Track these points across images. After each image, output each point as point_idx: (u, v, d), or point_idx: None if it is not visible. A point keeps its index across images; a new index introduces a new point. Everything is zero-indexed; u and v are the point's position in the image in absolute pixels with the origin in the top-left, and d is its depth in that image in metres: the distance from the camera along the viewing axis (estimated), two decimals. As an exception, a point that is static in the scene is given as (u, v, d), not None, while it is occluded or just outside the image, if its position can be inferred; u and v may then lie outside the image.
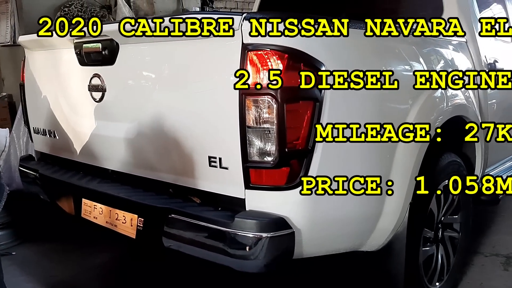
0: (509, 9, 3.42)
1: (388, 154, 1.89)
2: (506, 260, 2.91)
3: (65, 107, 2.32)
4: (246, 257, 1.60)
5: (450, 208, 2.42)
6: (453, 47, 2.54)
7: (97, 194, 2.14)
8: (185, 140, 1.78)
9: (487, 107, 2.72)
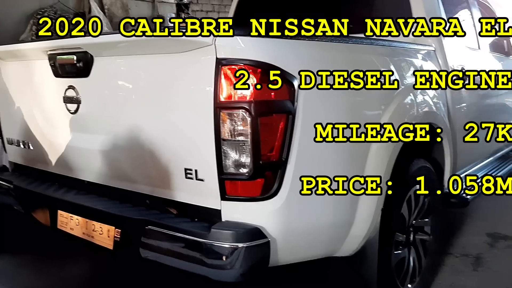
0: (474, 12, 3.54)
1: (360, 162, 1.95)
2: (476, 260, 3.02)
3: (40, 118, 2.32)
4: (223, 267, 1.63)
5: (421, 212, 2.50)
6: (422, 56, 2.63)
7: (74, 206, 2.14)
8: (161, 152, 1.80)
9: (455, 114, 2.81)
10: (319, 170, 1.78)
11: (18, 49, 2.31)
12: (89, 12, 4.85)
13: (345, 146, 1.87)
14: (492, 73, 3.42)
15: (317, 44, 1.84)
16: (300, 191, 1.69)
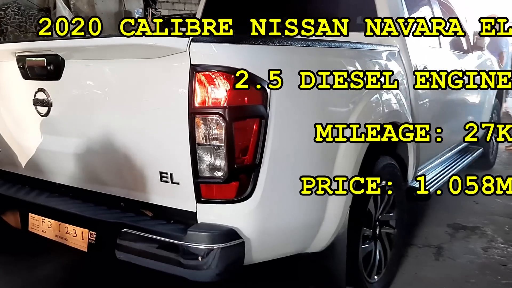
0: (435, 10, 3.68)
1: (330, 162, 2.03)
2: (437, 250, 3.17)
3: (8, 120, 2.28)
4: (199, 267, 1.67)
5: (386, 207, 2.61)
6: (386, 57, 2.72)
7: (46, 209, 2.13)
8: (136, 156, 1.82)
9: (418, 112, 2.93)
10: (291, 172, 1.84)
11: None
12: (54, 8, 4.73)
13: (315, 147, 1.94)
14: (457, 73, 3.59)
15: (288, 49, 1.90)
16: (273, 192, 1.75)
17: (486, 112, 4.73)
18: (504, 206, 3.98)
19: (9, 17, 4.40)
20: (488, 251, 3.14)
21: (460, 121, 4.04)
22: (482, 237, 3.38)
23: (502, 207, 3.96)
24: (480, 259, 3.03)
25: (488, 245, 3.24)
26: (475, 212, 3.84)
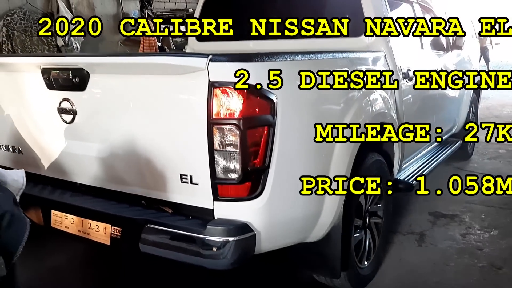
0: (416, 9, 3.93)
1: (327, 162, 2.28)
2: (420, 237, 3.47)
3: (31, 126, 2.48)
4: (217, 257, 1.92)
5: (375, 199, 2.88)
6: (374, 62, 2.97)
7: (70, 207, 2.34)
8: (157, 159, 2.05)
9: (403, 111, 3.19)
10: (294, 172, 2.09)
11: (8, 62, 2.44)
12: (57, 12, 4.88)
13: (314, 149, 2.19)
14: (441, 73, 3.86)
15: (292, 63, 2.13)
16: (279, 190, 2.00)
17: (464, 106, 5.03)
18: (481, 195, 4.30)
19: (15, 22, 4.54)
20: (466, 237, 3.45)
21: (440, 116, 4.33)
22: (461, 224, 3.69)
23: (478, 196, 4.27)
24: (458, 245, 3.33)
25: (466, 231, 3.55)
26: (454, 201, 4.15)
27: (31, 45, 4.68)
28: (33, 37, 4.71)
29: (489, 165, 5.24)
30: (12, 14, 4.58)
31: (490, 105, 9.28)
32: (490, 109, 8.79)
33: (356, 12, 3.17)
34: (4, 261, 1.42)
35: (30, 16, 4.75)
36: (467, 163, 5.32)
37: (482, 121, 6.35)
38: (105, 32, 5.53)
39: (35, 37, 4.71)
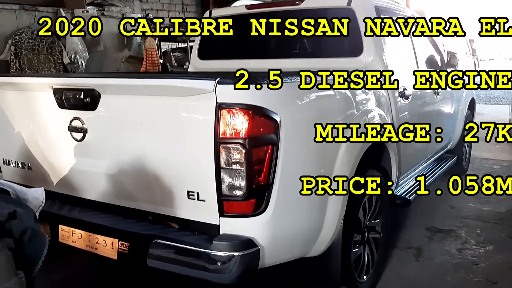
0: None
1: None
2: (417, 252, 3.54)
3: (42, 143, 2.56)
4: (222, 272, 1.99)
5: (373, 215, 2.96)
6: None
7: (78, 222, 2.41)
8: (165, 177, 2.13)
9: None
10: (296, 188, 2.17)
11: (21, 82, 2.53)
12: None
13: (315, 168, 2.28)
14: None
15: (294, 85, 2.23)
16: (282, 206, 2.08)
17: (459, 123, 5.14)
18: (476, 210, 4.39)
19: (23, 41, 4.66)
20: (462, 252, 3.52)
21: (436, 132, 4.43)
22: (457, 239, 3.76)
23: (474, 211, 4.37)
24: (455, 259, 3.40)
25: (462, 246, 3.62)
26: (451, 216, 4.24)
27: (38, 63, 4.81)
28: (40, 56, 4.83)
29: (484, 181, 5.35)
30: (21, 33, 4.72)
31: (485, 120, 9.42)
32: (485, 125, 8.92)
33: (354, 34, 3.29)
34: (24, 275, 1.49)
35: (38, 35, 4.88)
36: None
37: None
38: (110, 49, 5.69)
39: (42, 55, 4.83)
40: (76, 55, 5.03)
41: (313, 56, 3.61)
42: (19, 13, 4.81)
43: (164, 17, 10.56)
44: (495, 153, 6.65)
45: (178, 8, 11.83)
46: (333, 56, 3.47)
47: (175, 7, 11.71)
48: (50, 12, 5.16)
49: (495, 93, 14.67)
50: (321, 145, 2.32)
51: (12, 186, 1.73)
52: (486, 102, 12.65)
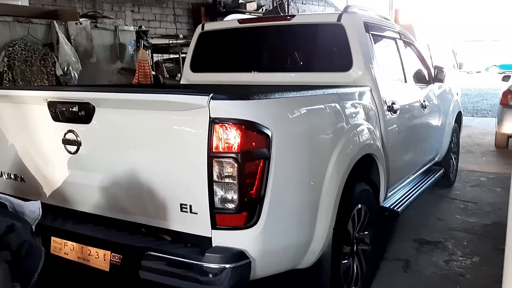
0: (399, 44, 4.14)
1: (317, 193, 2.41)
2: (406, 263, 3.59)
3: (35, 155, 2.58)
4: (214, 283, 2.02)
5: (362, 227, 3.01)
6: (360, 96, 3.14)
7: (71, 234, 2.43)
8: (159, 189, 2.17)
9: (388, 142, 3.36)
10: (287, 201, 2.22)
11: (16, 94, 2.56)
12: (57, 43, 5.04)
13: (305, 179, 2.33)
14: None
15: (285, 100, 2.29)
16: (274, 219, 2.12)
17: (447, 136, 5.24)
18: (463, 222, 4.47)
19: (17, 53, 4.68)
20: (449, 264, 3.58)
21: (424, 145, 4.52)
22: (444, 250, 3.83)
23: (461, 223, 4.44)
24: (442, 271, 3.46)
25: (449, 258, 3.69)
26: (438, 228, 4.31)
27: (31, 74, 4.82)
28: (33, 67, 4.85)
29: (471, 193, 5.44)
30: (14, 45, 4.75)
31: (472, 133, 9.58)
32: (472, 137, 9.07)
33: (343, 49, 3.36)
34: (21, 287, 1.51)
35: (31, 47, 4.91)
36: (450, 191, 5.51)
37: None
38: (102, 61, 5.74)
39: (35, 67, 4.85)
40: (69, 66, 5.05)
41: (304, 71, 3.67)
42: (13, 25, 4.85)
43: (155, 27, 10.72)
44: (482, 166, 6.77)
45: (170, 19, 11.97)
46: (323, 70, 3.54)
47: (166, 17, 11.85)
48: (44, 24, 5.21)
49: (482, 105, 14.92)
50: (311, 159, 2.38)
51: (10, 199, 1.75)
52: (473, 114, 12.86)
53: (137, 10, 11.09)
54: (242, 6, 12.12)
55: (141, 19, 11.03)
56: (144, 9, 11.15)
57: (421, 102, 4.23)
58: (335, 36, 3.43)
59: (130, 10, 10.82)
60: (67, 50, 5.01)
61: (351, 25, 3.37)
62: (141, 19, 11.11)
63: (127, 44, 5.92)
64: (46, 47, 5.09)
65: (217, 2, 12.10)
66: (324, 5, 17.03)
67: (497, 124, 7.66)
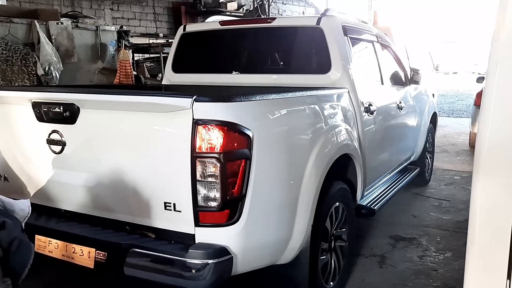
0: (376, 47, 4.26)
1: (296, 191, 2.51)
2: (381, 259, 3.72)
3: (19, 155, 2.61)
4: (197, 278, 2.10)
5: (340, 224, 3.12)
6: (338, 98, 3.25)
7: (55, 232, 2.48)
8: (143, 188, 2.23)
9: (365, 142, 3.48)
10: (267, 199, 2.31)
11: (0, 95, 2.59)
12: (38, 43, 5.03)
13: (284, 178, 2.43)
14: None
15: (266, 102, 2.38)
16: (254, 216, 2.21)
17: (422, 136, 5.40)
18: (437, 219, 4.63)
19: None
20: (423, 259, 3.72)
21: (400, 145, 4.66)
22: (418, 246, 3.97)
23: (435, 220, 4.60)
24: (416, 266, 3.60)
25: (423, 253, 3.83)
26: (413, 225, 4.46)
27: (12, 74, 4.81)
28: (14, 67, 4.84)
29: (445, 191, 5.62)
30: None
31: (447, 133, 9.84)
32: (447, 137, 9.31)
33: (322, 52, 3.47)
34: (11, 282, 1.57)
35: (12, 46, 4.90)
36: (425, 189, 5.68)
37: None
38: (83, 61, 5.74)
39: (16, 66, 4.84)
40: (50, 66, 5.05)
41: (284, 72, 3.77)
42: (-7, 24, 4.84)
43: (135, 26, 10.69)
44: (456, 165, 6.98)
45: (149, 17, 11.95)
46: (303, 72, 3.65)
47: (146, 16, 11.83)
48: (25, 24, 5.19)
49: (457, 106, 15.28)
50: (291, 158, 2.48)
51: (0, 198, 1.80)
52: (448, 115, 13.16)
53: (116, 9, 11.04)
54: (222, 5, 12.18)
55: (120, 17, 10.99)
56: (124, 7, 11.11)
57: (398, 103, 4.36)
58: (314, 39, 3.53)
59: (109, 8, 10.77)
60: (48, 50, 5.01)
61: (330, 29, 3.47)
62: (120, 17, 11.07)
63: (108, 44, 5.94)
64: (27, 47, 5.09)
65: (198, 1, 12.12)
66: (305, 5, 17.20)
67: (471, 124, 7.89)
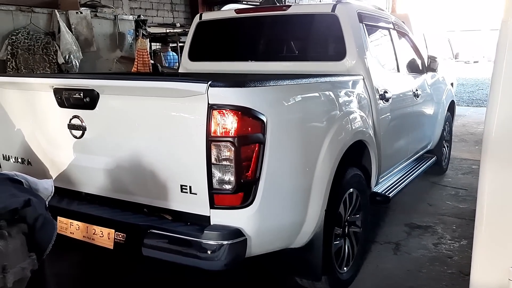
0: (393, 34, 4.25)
1: (310, 176, 2.55)
2: (396, 246, 3.74)
3: (42, 139, 2.70)
4: (212, 259, 2.16)
5: (354, 210, 3.15)
6: (353, 85, 3.26)
7: (77, 214, 2.56)
8: (160, 172, 2.30)
9: (380, 129, 3.49)
10: (281, 183, 2.36)
11: (23, 82, 2.67)
12: (59, 32, 5.14)
13: (298, 163, 2.46)
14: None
15: (280, 88, 2.41)
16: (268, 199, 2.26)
17: (439, 125, 5.37)
18: (453, 208, 4.62)
19: (20, 41, 4.80)
20: (438, 246, 3.74)
21: (416, 133, 4.64)
22: (434, 234, 3.98)
23: (451, 209, 4.59)
24: (431, 253, 3.61)
25: (438, 241, 3.84)
26: (429, 213, 4.46)
27: (34, 62, 4.95)
28: (36, 55, 4.98)
29: (463, 180, 5.59)
30: (17, 34, 4.87)
31: (466, 122, 9.73)
32: (466, 127, 9.22)
33: (337, 39, 3.48)
34: (36, 257, 1.65)
35: (34, 36, 5.03)
36: (442, 178, 5.66)
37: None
38: (102, 50, 5.86)
39: (37, 55, 4.98)
40: (70, 55, 5.17)
41: (299, 60, 3.79)
42: (16, 14, 4.96)
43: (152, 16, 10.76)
44: (474, 154, 6.92)
45: (166, 7, 12.01)
46: (318, 60, 3.66)
47: (163, 6, 11.89)
48: (46, 13, 5.31)
49: (477, 95, 15.05)
50: (305, 144, 2.51)
51: (25, 177, 1.88)
52: (468, 104, 13.00)
53: (134, -1, 11.14)
54: (239, -6, 12.15)
55: (138, 8, 11.08)
56: (141, -3, 11.21)
57: (414, 91, 4.35)
58: (329, 26, 3.54)
59: (127, -2, 10.86)
60: (68, 39, 5.13)
61: (345, 16, 3.48)
62: (138, 7, 11.15)
63: (126, 33, 6.04)
64: (48, 36, 5.22)
65: (215, -10, 12.13)
66: (322, -8, 17.06)
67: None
